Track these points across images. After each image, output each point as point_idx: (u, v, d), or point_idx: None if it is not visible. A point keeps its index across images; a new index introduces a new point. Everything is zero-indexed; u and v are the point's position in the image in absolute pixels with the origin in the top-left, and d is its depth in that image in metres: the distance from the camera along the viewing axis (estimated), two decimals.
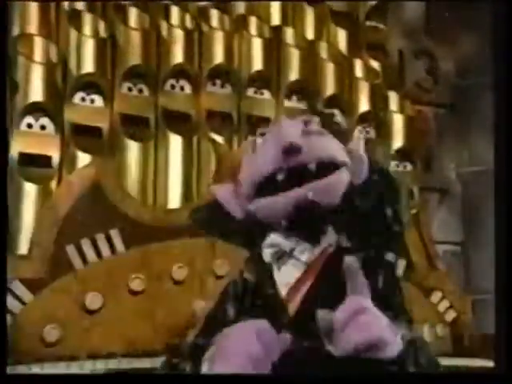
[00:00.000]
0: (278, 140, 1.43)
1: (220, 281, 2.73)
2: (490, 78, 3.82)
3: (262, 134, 1.51)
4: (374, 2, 4.18)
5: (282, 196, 1.42)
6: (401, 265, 3.45)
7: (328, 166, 1.44)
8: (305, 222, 1.43)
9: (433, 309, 3.54)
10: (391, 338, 1.32)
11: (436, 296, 3.56)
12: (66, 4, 3.30)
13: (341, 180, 1.45)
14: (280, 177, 1.42)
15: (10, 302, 2.63)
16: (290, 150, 1.41)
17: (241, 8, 3.75)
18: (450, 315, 3.58)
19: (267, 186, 1.43)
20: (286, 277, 1.45)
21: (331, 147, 1.46)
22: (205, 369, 1.39)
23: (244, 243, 1.57)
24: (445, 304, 3.56)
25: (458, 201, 4.49)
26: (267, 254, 1.48)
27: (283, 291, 1.44)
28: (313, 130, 1.48)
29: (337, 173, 1.44)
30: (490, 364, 2.60)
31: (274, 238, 1.47)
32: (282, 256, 1.46)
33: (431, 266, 3.63)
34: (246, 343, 1.36)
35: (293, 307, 1.41)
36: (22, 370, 2.51)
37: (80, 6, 3.33)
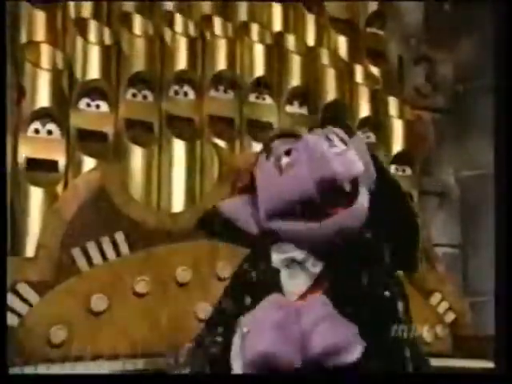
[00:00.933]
0: (313, 166, 1.37)
1: (223, 283, 2.76)
2: (489, 83, 3.86)
3: (287, 153, 1.43)
4: (373, 9, 4.21)
5: (316, 224, 1.38)
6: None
7: (355, 181, 1.41)
8: (328, 248, 1.40)
9: (432, 310, 3.57)
10: (352, 344, 1.32)
11: (435, 298, 3.58)
12: (72, 12, 3.34)
13: (366, 198, 1.43)
14: (315, 202, 1.38)
15: (17, 304, 2.67)
16: (331, 179, 1.37)
17: (243, 15, 3.79)
18: (450, 316, 3.60)
19: (297, 209, 1.40)
20: (294, 285, 1.42)
21: (357, 159, 1.43)
22: (236, 346, 1.38)
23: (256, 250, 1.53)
24: (444, 305, 3.58)
25: (456, 204, 4.52)
26: (276, 259, 1.45)
27: (291, 299, 1.41)
28: (337, 145, 1.43)
29: (361, 194, 1.41)
30: (490, 365, 2.63)
31: (285, 245, 1.44)
32: (290, 264, 1.44)
33: (431, 268, 3.65)
34: (266, 315, 1.35)
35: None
36: (28, 370, 2.54)
37: (86, 13, 3.37)
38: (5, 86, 2.53)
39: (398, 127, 4.06)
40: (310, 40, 3.98)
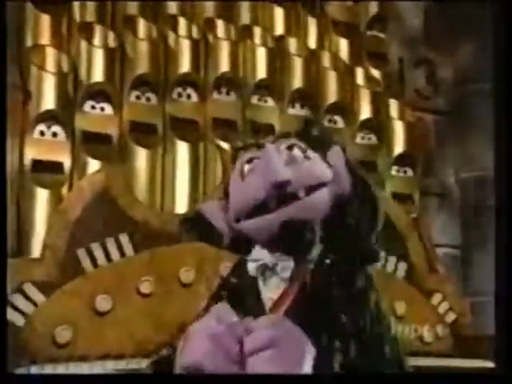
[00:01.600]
0: (266, 173, 1.47)
1: None
2: (489, 85, 3.87)
3: (250, 161, 1.54)
4: (374, 12, 4.23)
5: (269, 216, 1.47)
6: (402, 267, 3.52)
7: (316, 188, 1.49)
8: (289, 240, 1.47)
9: (433, 310, 3.59)
10: (297, 367, 1.34)
11: (436, 298, 3.60)
12: (76, 16, 3.37)
13: (322, 197, 1.49)
14: (270, 204, 1.47)
15: (23, 304, 2.70)
16: (279, 185, 1.45)
17: (245, 18, 3.81)
18: (450, 317, 3.62)
19: (257, 210, 1.48)
20: (269, 291, 1.48)
21: (316, 170, 1.51)
22: (177, 364, 1.43)
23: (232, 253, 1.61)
24: (445, 306, 3.60)
25: (457, 205, 4.54)
26: (252, 267, 1.51)
27: (268, 304, 1.47)
28: (297, 156, 1.52)
29: (319, 191, 1.49)
30: (491, 365, 2.65)
31: (258, 251, 1.51)
32: (265, 270, 1.50)
33: (431, 269, 3.66)
34: (205, 325, 1.41)
35: None
36: (34, 370, 2.57)
37: (90, 17, 3.40)
38: (5, 86, 2.54)
39: (398, 129, 4.08)
40: (312, 43, 4.01)
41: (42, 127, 3.19)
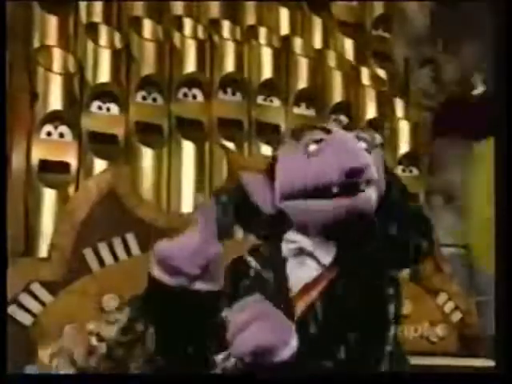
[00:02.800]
0: (341, 157, 1.38)
1: None
2: (492, 84, 3.87)
3: (317, 141, 1.42)
4: (380, 13, 4.23)
5: (326, 201, 1.39)
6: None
7: (372, 183, 1.42)
8: (346, 231, 1.40)
9: (439, 310, 3.59)
10: (285, 343, 1.29)
11: (442, 297, 3.60)
12: (83, 17, 3.39)
13: (374, 193, 1.43)
14: (333, 189, 1.39)
15: (30, 303, 2.72)
16: (353, 172, 1.38)
17: (251, 19, 3.83)
18: (456, 316, 3.62)
19: (316, 192, 1.40)
20: (300, 276, 1.41)
21: (373, 165, 1.44)
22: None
23: (265, 236, 1.51)
24: (450, 305, 3.60)
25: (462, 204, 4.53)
26: (285, 248, 1.44)
27: (294, 289, 1.40)
28: (364, 147, 1.44)
29: (372, 187, 1.42)
30: (493, 364, 2.65)
31: (296, 235, 1.44)
32: (299, 254, 1.42)
33: (437, 268, 3.66)
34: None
35: (300, 307, 1.39)
36: (42, 368, 2.59)
37: (96, 18, 3.42)
38: (5, 87, 2.57)
39: (404, 128, 4.08)
40: (317, 43, 4.02)
41: (48, 128, 3.21)
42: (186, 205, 3.39)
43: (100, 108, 3.33)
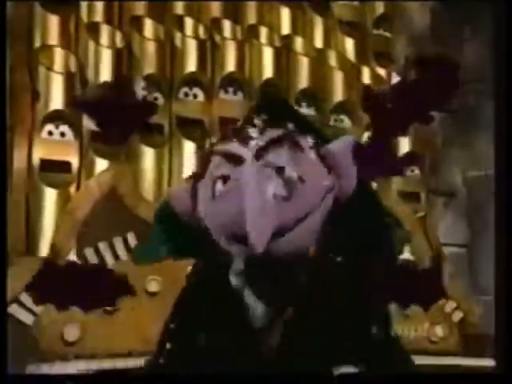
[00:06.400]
0: (231, 215, 1.20)
1: None
2: (492, 84, 3.86)
3: (224, 177, 1.24)
4: (380, 12, 4.23)
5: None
6: None
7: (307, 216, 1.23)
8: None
9: (440, 309, 3.60)
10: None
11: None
12: (84, 16, 3.40)
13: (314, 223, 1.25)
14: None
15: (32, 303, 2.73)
16: (237, 239, 1.21)
17: (252, 18, 3.83)
18: (457, 316, 3.62)
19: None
20: None
21: (309, 196, 1.23)
22: None
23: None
24: (451, 305, 3.61)
25: (463, 204, 4.53)
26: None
27: None
28: (290, 176, 1.22)
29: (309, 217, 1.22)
30: (494, 363, 2.65)
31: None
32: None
33: (438, 268, 3.67)
34: None
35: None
36: (44, 368, 2.59)
37: (98, 18, 3.42)
38: (6, 86, 2.57)
39: None
40: (318, 42, 4.03)
41: (50, 127, 3.22)
42: None
43: None
